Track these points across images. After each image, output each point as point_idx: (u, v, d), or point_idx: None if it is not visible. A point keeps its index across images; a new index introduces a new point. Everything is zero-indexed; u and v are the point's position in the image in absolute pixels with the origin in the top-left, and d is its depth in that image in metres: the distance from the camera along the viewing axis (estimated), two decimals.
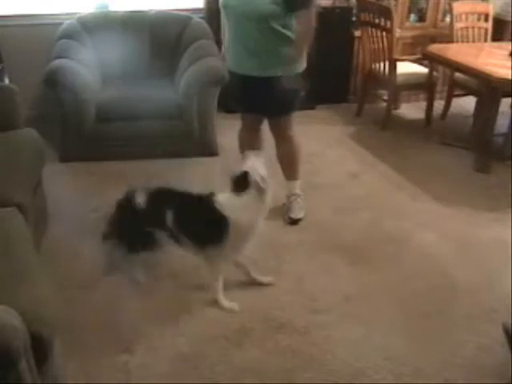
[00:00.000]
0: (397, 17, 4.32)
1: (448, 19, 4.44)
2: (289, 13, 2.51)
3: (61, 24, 3.86)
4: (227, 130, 3.93)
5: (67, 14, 4.00)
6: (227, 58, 2.82)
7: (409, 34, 4.57)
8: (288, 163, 2.99)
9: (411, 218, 3.07)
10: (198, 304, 2.38)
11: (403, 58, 4.34)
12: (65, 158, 3.61)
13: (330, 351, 2.13)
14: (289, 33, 2.57)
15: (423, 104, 4.56)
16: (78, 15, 3.94)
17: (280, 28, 2.54)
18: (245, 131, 3.05)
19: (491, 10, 4.41)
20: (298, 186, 3.03)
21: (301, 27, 2.56)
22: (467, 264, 2.68)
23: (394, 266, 2.66)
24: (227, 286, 2.48)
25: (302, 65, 2.72)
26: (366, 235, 2.90)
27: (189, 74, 3.63)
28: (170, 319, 2.29)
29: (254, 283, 2.48)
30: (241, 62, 2.71)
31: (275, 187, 2.41)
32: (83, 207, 3.09)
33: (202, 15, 4.29)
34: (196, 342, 2.17)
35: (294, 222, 2.96)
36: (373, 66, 4.35)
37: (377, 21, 4.11)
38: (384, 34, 4.09)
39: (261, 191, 2.20)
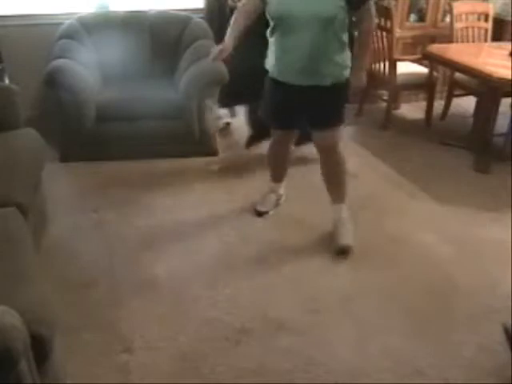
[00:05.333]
0: (397, 17, 4.32)
1: (448, 19, 4.44)
2: (352, 12, 2.45)
3: (61, 24, 3.86)
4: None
5: (67, 14, 4.00)
6: (273, 69, 2.61)
7: (409, 34, 4.57)
8: (336, 182, 2.81)
9: (411, 218, 3.08)
10: (199, 304, 2.38)
11: (403, 57, 4.34)
12: (65, 158, 3.61)
13: (330, 351, 2.13)
14: (345, 38, 2.51)
15: (423, 104, 4.56)
16: (78, 15, 3.94)
17: (340, 33, 2.46)
18: (278, 146, 2.92)
19: (491, 10, 4.40)
20: (345, 209, 2.83)
21: (367, 23, 2.56)
22: (467, 264, 2.68)
23: (394, 266, 2.66)
24: (226, 287, 2.49)
25: (348, 69, 2.60)
26: (366, 235, 2.90)
27: (189, 74, 3.63)
28: (170, 319, 2.29)
29: (255, 280, 2.49)
30: (298, 73, 2.53)
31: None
32: (83, 207, 3.09)
33: (202, 15, 4.28)
34: (196, 342, 2.16)
35: (344, 250, 2.69)
36: (373, 66, 4.34)
37: (377, 21, 4.11)
38: (384, 33, 4.09)
39: None
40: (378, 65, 4.28)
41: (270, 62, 2.62)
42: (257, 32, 2.58)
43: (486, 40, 4.40)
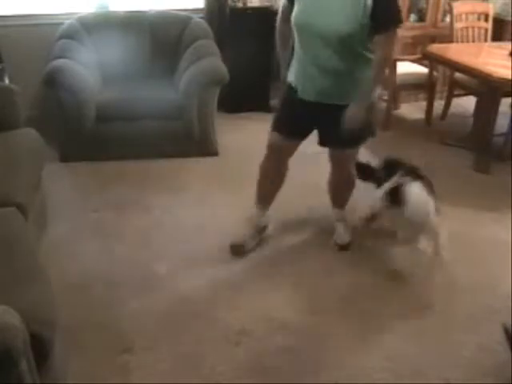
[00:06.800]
0: None
1: (448, 19, 4.44)
2: (375, 33, 2.23)
3: (61, 24, 3.86)
4: (227, 130, 3.95)
5: (67, 14, 4.00)
6: (291, 79, 2.48)
7: (409, 33, 4.56)
8: (341, 193, 2.81)
9: None
10: (199, 304, 2.38)
11: (403, 57, 4.34)
12: (65, 158, 3.61)
13: (330, 351, 2.14)
14: (368, 54, 2.31)
15: (423, 104, 4.56)
16: (78, 15, 3.94)
17: (360, 50, 2.29)
18: (273, 160, 2.63)
19: (491, 10, 4.41)
20: (345, 213, 2.86)
21: (383, 49, 2.27)
22: (467, 264, 2.68)
23: (394, 266, 2.66)
24: (226, 287, 2.49)
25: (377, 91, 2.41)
26: (365, 235, 2.89)
27: (189, 73, 3.63)
28: (170, 319, 2.29)
29: (255, 281, 2.49)
30: (312, 88, 2.39)
31: None
32: (83, 207, 3.09)
33: (201, 15, 4.28)
34: (196, 342, 2.17)
35: (344, 247, 2.77)
36: None
37: None
38: None
39: None
40: None
41: (290, 72, 2.50)
42: None
43: (486, 40, 4.41)
